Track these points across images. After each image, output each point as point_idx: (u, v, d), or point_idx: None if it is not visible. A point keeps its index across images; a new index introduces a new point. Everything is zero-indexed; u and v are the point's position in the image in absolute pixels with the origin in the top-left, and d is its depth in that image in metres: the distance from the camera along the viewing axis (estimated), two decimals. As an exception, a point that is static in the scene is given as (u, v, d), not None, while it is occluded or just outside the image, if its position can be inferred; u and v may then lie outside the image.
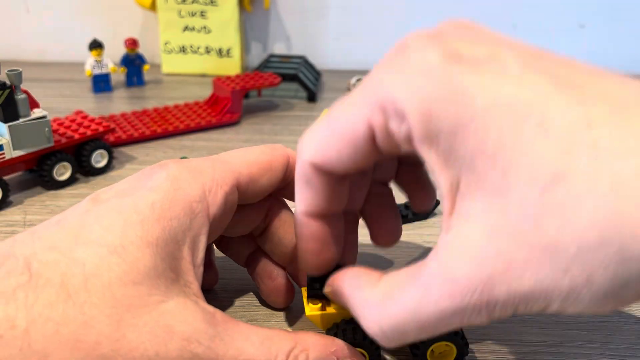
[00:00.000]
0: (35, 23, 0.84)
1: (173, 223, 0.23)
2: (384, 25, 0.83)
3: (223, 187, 0.25)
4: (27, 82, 0.43)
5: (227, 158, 0.27)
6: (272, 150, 0.29)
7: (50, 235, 0.22)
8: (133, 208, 0.22)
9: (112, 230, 0.21)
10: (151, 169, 0.25)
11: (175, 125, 0.58)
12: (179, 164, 0.25)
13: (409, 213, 0.42)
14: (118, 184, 0.25)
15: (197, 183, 0.25)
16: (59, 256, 0.20)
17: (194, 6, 0.76)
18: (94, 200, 0.23)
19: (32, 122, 0.43)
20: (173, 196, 0.23)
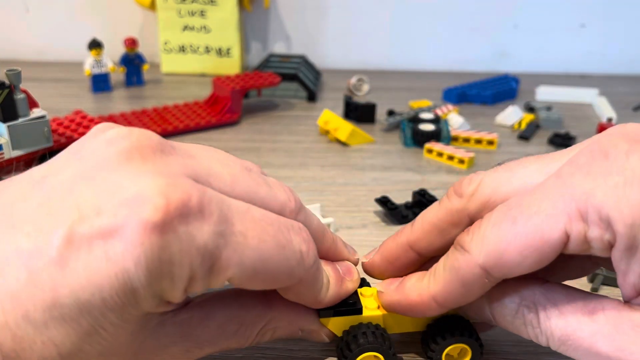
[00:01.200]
0: (35, 23, 0.83)
1: (149, 303, 0.20)
2: (384, 25, 0.83)
3: (211, 280, 0.21)
4: (26, 81, 0.43)
5: (244, 245, 0.21)
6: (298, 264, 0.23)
7: (20, 294, 0.19)
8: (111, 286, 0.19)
9: (89, 311, 0.19)
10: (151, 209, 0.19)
11: (175, 125, 0.58)
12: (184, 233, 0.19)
13: (409, 213, 0.42)
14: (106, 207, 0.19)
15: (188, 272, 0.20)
16: (33, 333, 0.19)
17: (194, 5, 0.76)
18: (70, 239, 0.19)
19: (32, 121, 0.43)
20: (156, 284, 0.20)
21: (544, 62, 0.84)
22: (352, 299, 0.28)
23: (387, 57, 0.85)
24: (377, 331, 0.27)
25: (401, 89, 0.75)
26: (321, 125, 0.58)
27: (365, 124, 0.62)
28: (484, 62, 0.84)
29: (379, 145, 0.57)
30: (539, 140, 0.59)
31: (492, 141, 0.56)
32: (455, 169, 0.52)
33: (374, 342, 0.26)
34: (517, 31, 0.83)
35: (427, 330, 0.28)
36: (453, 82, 0.74)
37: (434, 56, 0.85)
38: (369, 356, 0.27)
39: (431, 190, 0.46)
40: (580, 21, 0.83)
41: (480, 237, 0.23)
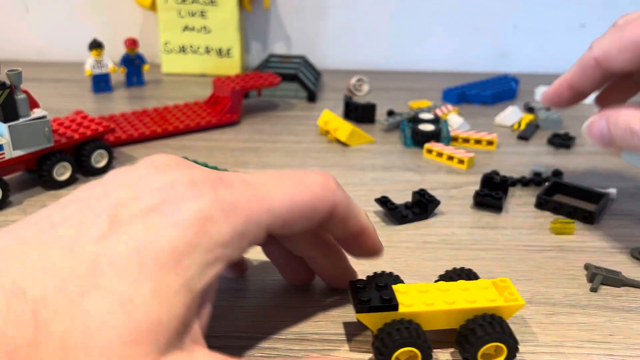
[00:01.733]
0: (35, 23, 0.84)
1: (190, 271, 0.21)
2: (383, 25, 0.83)
3: (253, 231, 0.23)
4: (26, 82, 0.43)
5: (268, 191, 0.25)
6: (323, 192, 0.26)
7: (62, 269, 0.20)
8: (153, 250, 0.20)
9: (125, 278, 0.20)
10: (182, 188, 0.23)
11: (175, 125, 0.58)
12: (213, 194, 0.23)
13: (409, 213, 0.43)
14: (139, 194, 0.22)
15: (228, 227, 0.22)
16: (67, 304, 0.19)
17: (194, 6, 0.76)
18: (114, 219, 0.21)
19: (32, 122, 0.43)
20: (198, 242, 0.21)
21: (543, 63, 0.84)
22: (387, 295, 0.28)
23: (387, 57, 0.85)
24: (411, 326, 0.27)
25: (401, 89, 0.75)
26: (321, 125, 0.58)
27: (365, 124, 0.62)
28: (484, 62, 0.84)
29: (379, 146, 0.57)
30: (539, 141, 0.59)
31: (492, 141, 0.57)
32: (455, 169, 0.52)
33: (409, 337, 0.27)
34: (517, 31, 0.83)
35: (462, 328, 0.28)
36: (453, 83, 0.74)
37: (433, 56, 0.85)
38: (405, 352, 0.27)
39: (431, 190, 0.46)
40: (580, 21, 0.83)
41: (600, 39, 0.37)
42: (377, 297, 0.28)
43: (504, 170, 0.51)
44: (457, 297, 0.29)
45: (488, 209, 0.45)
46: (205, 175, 0.23)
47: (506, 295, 0.29)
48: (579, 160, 0.54)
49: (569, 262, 0.38)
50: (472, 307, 0.28)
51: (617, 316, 0.33)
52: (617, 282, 0.35)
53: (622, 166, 0.53)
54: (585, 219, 0.43)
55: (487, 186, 0.46)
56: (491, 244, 0.40)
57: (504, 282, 0.30)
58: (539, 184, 0.49)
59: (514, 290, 0.30)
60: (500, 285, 0.30)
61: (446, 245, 0.40)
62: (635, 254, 0.39)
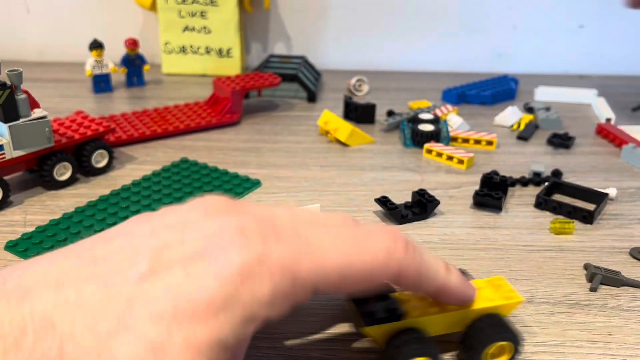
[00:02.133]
0: (36, 23, 0.84)
1: (226, 327, 0.20)
2: (383, 25, 0.83)
3: (297, 292, 0.22)
4: (27, 82, 0.43)
5: (321, 250, 0.22)
6: (387, 257, 0.24)
7: (94, 306, 0.19)
8: (189, 300, 0.20)
9: (157, 323, 0.19)
10: (230, 236, 0.21)
11: (176, 125, 0.58)
12: (262, 248, 0.21)
13: (409, 213, 0.43)
14: (186, 238, 0.21)
15: (270, 285, 0.21)
16: (95, 344, 0.19)
17: (194, 6, 0.76)
18: (155, 262, 0.20)
19: (33, 122, 0.43)
20: (237, 297, 0.20)
21: (542, 63, 0.84)
22: (391, 305, 0.28)
23: (387, 57, 0.85)
24: (419, 335, 0.27)
25: (401, 89, 0.75)
26: (321, 125, 0.58)
27: (365, 124, 0.62)
28: (483, 62, 0.85)
29: (379, 146, 0.57)
30: (538, 141, 0.59)
31: (491, 141, 0.57)
32: (454, 169, 0.52)
33: (419, 348, 0.26)
34: (516, 32, 0.83)
35: (469, 329, 0.29)
36: (452, 83, 0.74)
37: (433, 57, 0.85)
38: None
39: (431, 190, 0.46)
40: (579, 22, 0.83)
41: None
42: (381, 309, 0.28)
43: (504, 170, 0.51)
44: None
45: (487, 209, 0.45)
46: (256, 224, 0.22)
47: (504, 293, 0.29)
48: (578, 160, 0.54)
49: (568, 262, 0.38)
50: (475, 308, 0.28)
51: (617, 316, 0.33)
52: (617, 282, 0.35)
53: (621, 166, 0.53)
54: (585, 219, 0.43)
55: (486, 186, 0.46)
56: (491, 244, 0.40)
57: (499, 280, 0.30)
58: (538, 184, 0.49)
59: (511, 288, 0.30)
60: (496, 284, 0.30)
61: (446, 245, 0.40)
62: (634, 254, 0.39)
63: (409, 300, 0.29)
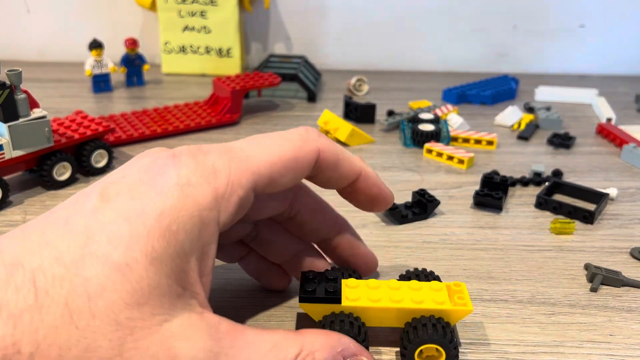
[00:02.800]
0: (36, 23, 0.84)
1: (180, 236, 0.22)
2: (383, 25, 0.83)
3: (238, 192, 0.24)
4: (27, 82, 0.43)
5: (248, 152, 0.25)
6: (303, 142, 0.27)
7: (57, 241, 0.21)
8: (140, 217, 0.21)
9: (118, 244, 0.21)
10: (163, 160, 0.24)
11: (175, 125, 0.58)
12: (193, 161, 0.24)
13: (409, 213, 0.43)
14: (126, 173, 0.24)
15: (209, 188, 0.23)
16: (65, 271, 0.20)
17: (194, 6, 0.76)
18: (102, 195, 0.22)
19: (32, 122, 0.43)
20: (182, 205, 0.22)
21: (543, 63, 0.84)
22: (332, 288, 0.28)
23: (387, 57, 0.85)
24: (352, 320, 0.27)
25: (401, 89, 0.75)
26: (321, 125, 0.58)
27: (365, 124, 0.62)
28: (484, 62, 0.84)
29: (379, 146, 0.57)
30: (538, 141, 0.59)
31: (492, 141, 0.57)
32: (454, 169, 0.52)
33: (348, 332, 0.27)
34: (517, 31, 0.83)
35: (405, 326, 0.28)
36: (452, 83, 0.74)
37: (433, 56, 0.85)
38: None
39: (431, 190, 0.46)
40: (580, 21, 0.83)
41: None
42: (322, 289, 0.28)
43: (504, 170, 0.51)
44: (405, 296, 0.29)
45: (488, 209, 0.45)
46: (184, 148, 0.24)
47: (455, 299, 0.29)
48: (579, 160, 0.54)
49: (568, 262, 0.38)
50: (418, 307, 0.28)
51: (617, 316, 0.33)
52: (617, 282, 0.35)
53: (622, 166, 0.53)
54: (585, 219, 0.43)
55: (486, 186, 0.46)
56: (491, 244, 0.40)
57: (458, 286, 0.30)
58: (539, 183, 0.49)
59: (466, 295, 0.29)
60: (453, 289, 0.30)
61: (446, 245, 0.40)
62: (635, 254, 0.39)
63: (356, 287, 0.29)
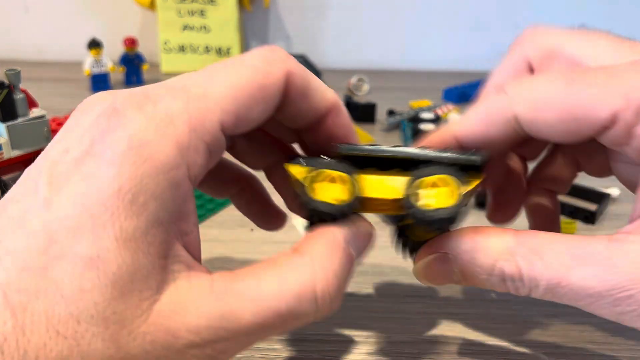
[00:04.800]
0: (34, 22, 0.83)
1: (150, 206, 0.19)
2: (384, 25, 0.83)
3: (204, 138, 0.20)
4: (25, 81, 0.43)
5: (205, 87, 0.22)
6: (269, 65, 0.22)
7: (18, 249, 0.19)
8: (98, 198, 0.19)
9: (81, 237, 0.18)
10: (106, 120, 0.20)
11: (175, 124, 0.58)
12: (142, 115, 0.20)
13: (409, 213, 0.42)
14: (68, 145, 0.20)
15: (169, 142, 0.19)
16: (35, 281, 0.18)
17: (194, 5, 0.76)
18: (51, 183, 0.19)
19: (31, 121, 0.43)
20: (142, 171, 0.19)
21: (544, 62, 0.84)
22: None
23: (387, 57, 0.85)
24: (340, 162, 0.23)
25: (401, 88, 0.75)
26: (321, 125, 0.58)
27: (365, 123, 0.62)
28: (485, 61, 0.84)
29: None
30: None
31: (492, 141, 0.56)
32: (455, 169, 0.51)
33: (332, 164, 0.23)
34: (518, 30, 0.83)
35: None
36: (453, 82, 0.74)
37: (434, 56, 0.85)
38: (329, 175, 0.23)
39: (431, 190, 0.46)
40: (581, 20, 0.82)
41: (527, 83, 0.23)
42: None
43: (505, 170, 0.51)
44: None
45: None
46: (127, 98, 0.20)
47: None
48: (580, 160, 0.54)
49: (570, 263, 0.38)
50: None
51: (619, 317, 0.33)
52: (619, 283, 0.35)
53: (623, 166, 0.53)
54: (587, 219, 0.42)
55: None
56: (492, 244, 0.40)
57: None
58: (540, 183, 0.49)
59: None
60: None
61: (447, 245, 0.40)
62: (636, 254, 0.38)
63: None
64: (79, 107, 0.22)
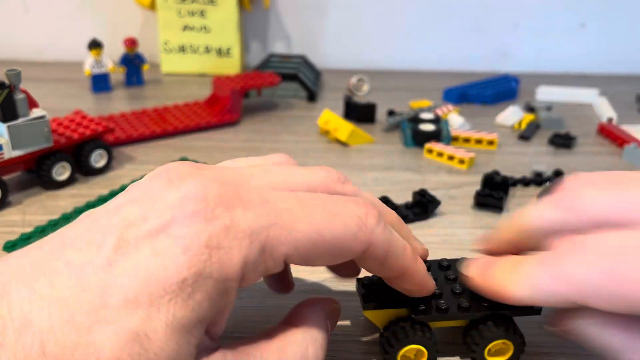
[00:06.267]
0: (34, 22, 0.83)
1: (203, 305, 0.20)
2: (383, 25, 0.83)
3: (267, 262, 0.21)
4: (26, 81, 0.43)
5: (291, 219, 0.22)
6: (358, 229, 0.23)
7: (68, 298, 0.19)
8: (162, 280, 0.19)
9: (134, 310, 0.19)
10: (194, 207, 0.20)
11: (175, 125, 0.58)
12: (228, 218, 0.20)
13: (409, 213, 0.42)
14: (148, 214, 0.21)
15: (239, 255, 0.20)
16: (76, 337, 0.18)
17: (194, 5, 0.76)
18: (120, 244, 0.20)
19: (31, 122, 0.43)
20: (209, 272, 0.20)
21: (544, 62, 0.83)
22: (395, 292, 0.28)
23: (387, 57, 0.85)
24: (418, 324, 0.27)
25: (401, 89, 0.75)
26: (321, 125, 0.58)
27: (365, 124, 0.62)
28: (484, 62, 0.84)
29: (379, 145, 0.57)
30: (540, 141, 0.59)
31: (493, 141, 0.56)
32: (455, 169, 0.51)
33: (415, 336, 0.27)
34: (517, 31, 0.83)
35: (470, 325, 0.28)
36: (453, 82, 0.74)
37: (434, 56, 0.85)
38: (411, 349, 0.27)
39: (431, 191, 0.46)
40: (581, 21, 0.82)
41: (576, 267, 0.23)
42: (384, 295, 0.28)
43: (505, 170, 0.51)
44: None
45: (489, 209, 0.44)
46: (221, 192, 0.21)
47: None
48: (580, 160, 0.54)
49: (570, 263, 0.38)
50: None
51: (619, 317, 0.33)
52: (619, 283, 0.35)
53: (623, 166, 0.53)
54: (587, 219, 0.42)
55: (488, 186, 0.46)
56: (492, 244, 0.40)
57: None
58: (540, 184, 0.49)
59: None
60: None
61: (447, 245, 0.40)
62: (636, 255, 0.38)
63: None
64: (164, 173, 0.22)
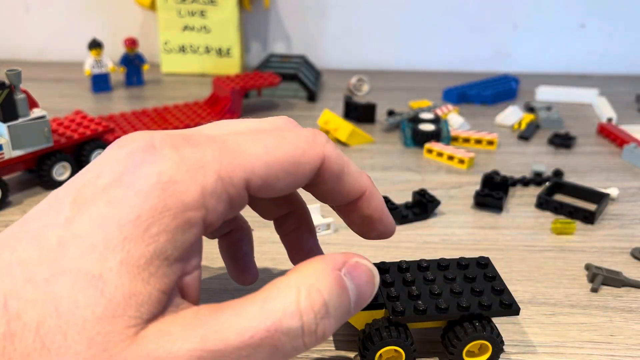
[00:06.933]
0: (35, 23, 0.83)
1: (161, 238, 0.20)
2: (384, 25, 0.83)
3: (228, 189, 0.21)
4: (26, 81, 0.43)
5: (244, 146, 0.22)
6: (308, 145, 0.23)
7: (29, 259, 0.19)
8: (116, 222, 0.20)
9: (90, 254, 0.19)
10: (141, 154, 0.21)
11: (175, 125, 0.58)
12: (177, 155, 0.21)
13: (409, 213, 0.42)
14: (101, 172, 0.21)
15: (195, 185, 0.21)
16: (36, 292, 0.19)
17: (194, 6, 0.76)
18: (75, 202, 0.20)
19: (32, 122, 0.43)
20: (164, 205, 0.20)
21: (544, 62, 0.84)
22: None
23: (387, 57, 0.85)
24: (400, 327, 0.27)
25: (401, 89, 0.75)
26: (321, 125, 0.58)
27: (365, 124, 0.62)
28: (484, 62, 0.84)
29: (379, 145, 0.57)
30: (539, 141, 0.59)
31: (492, 141, 0.56)
32: (455, 169, 0.52)
33: (392, 337, 0.27)
34: (517, 31, 0.83)
35: (448, 326, 0.28)
36: (453, 82, 0.74)
37: (434, 56, 0.85)
38: (389, 350, 0.27)
39: (431, 191, 0.46)
40: (580, 21, 0.83)
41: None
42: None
43: (505, 170, 0.51)
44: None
45: (488, 209, 0.44)
46: (165, 137, 0.22)
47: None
48: (580, 160, 0.54)
49: (569, 263, 0.38)
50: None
51: (618, 316, 0.33)
52: (618, 283, 0.35)
53: (623, 166, 0.53)
54: (586, 219, 0.42)
55: (487, 186, 0.46)
56: (491, 244, 0.40)
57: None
58: (540, 184, 0.49)
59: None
60: None
61: (446, 245, 0.40)
62: (635, 254, 0.38)
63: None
64: (117, 142, 0.23)
